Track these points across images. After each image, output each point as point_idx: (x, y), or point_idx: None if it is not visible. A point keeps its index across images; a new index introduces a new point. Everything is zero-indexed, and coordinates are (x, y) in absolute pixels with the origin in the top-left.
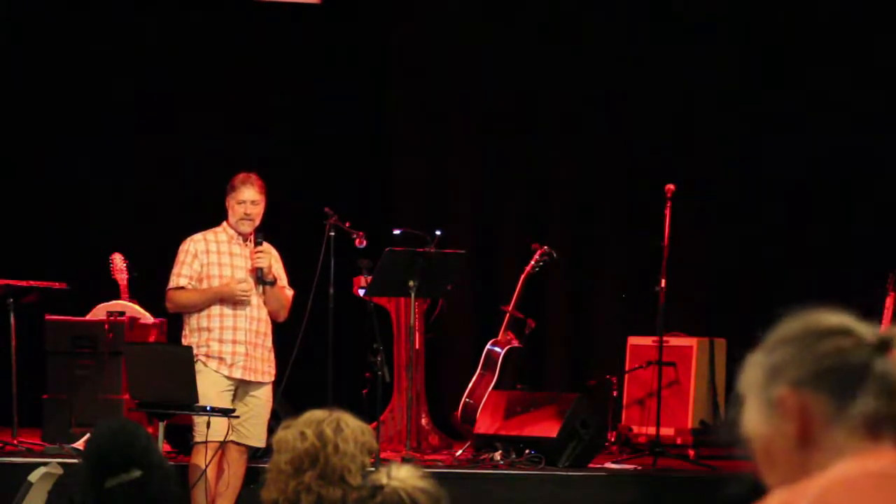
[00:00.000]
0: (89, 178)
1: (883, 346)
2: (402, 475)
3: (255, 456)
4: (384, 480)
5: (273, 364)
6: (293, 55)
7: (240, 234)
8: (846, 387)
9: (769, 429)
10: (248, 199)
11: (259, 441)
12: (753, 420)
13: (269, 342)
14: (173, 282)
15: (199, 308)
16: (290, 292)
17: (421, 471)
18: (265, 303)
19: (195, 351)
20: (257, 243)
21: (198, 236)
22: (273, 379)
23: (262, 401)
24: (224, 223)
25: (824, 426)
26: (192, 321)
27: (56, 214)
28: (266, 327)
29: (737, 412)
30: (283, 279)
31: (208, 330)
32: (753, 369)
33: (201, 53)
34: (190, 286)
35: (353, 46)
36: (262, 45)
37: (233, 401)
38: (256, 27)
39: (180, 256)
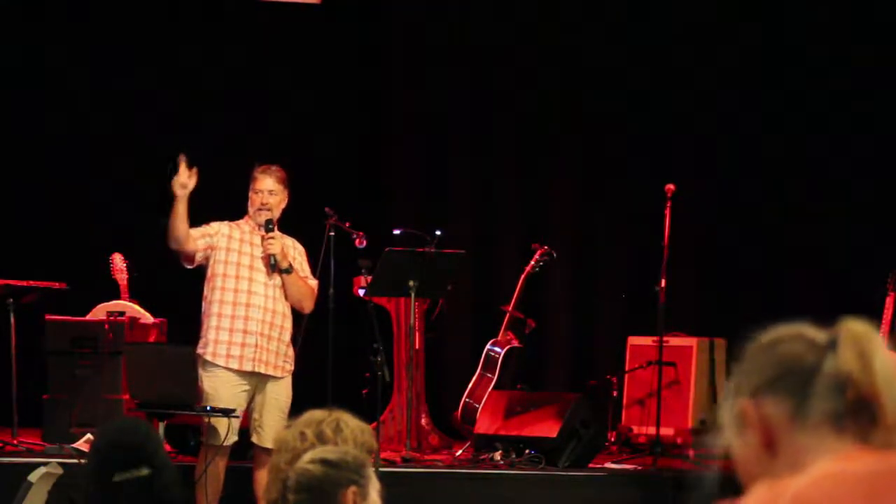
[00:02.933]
0: (89, 178)
1: (833, 345)
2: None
3: (247, 456)
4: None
5: (290, 358)
6: (293, 55)
7: (258, 224)
8: (800, 388)
9: (739, 442)
10: (265, 188)
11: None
12: (728, 437)
13: (285, 336)
14: None
15: (176, 228)
16: (313, 282)
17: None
18: (286, 294)
19: (206, 346)
20: (268, 230)
21: (224, 223)
22: (289, 373)
23: (279, 400)
24: (246, 216)
25: (786, 430)
26: (207, 309)
27: (56, 214)
28: (283, 320)
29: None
30: (305, 270)
31: (219, 316)
32: (725, 391)
33: (201, 53)
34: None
35: (353, 46)
36: (262, 44)
37: (251, 400)
38: (257, 27)
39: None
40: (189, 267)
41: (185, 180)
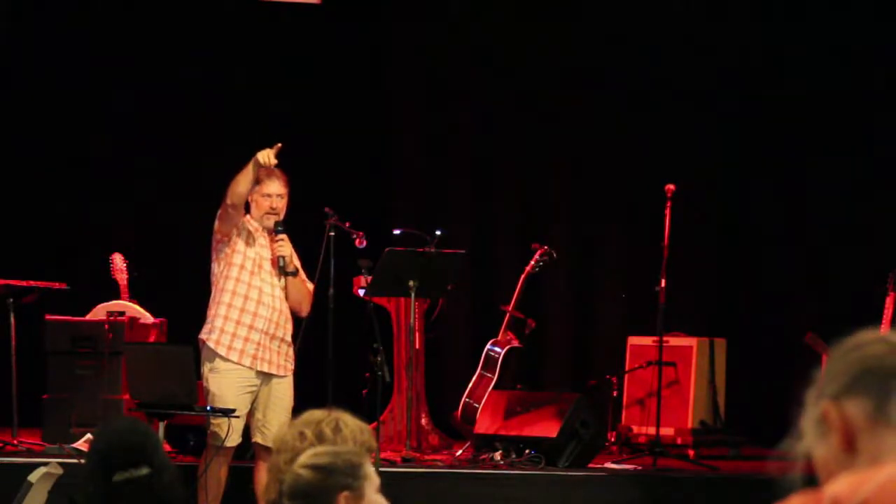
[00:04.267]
0: (89, 178)
1: None
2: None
3: (246, 456)
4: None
5: (291, 358)
6: (293, 55)
7: (264, 227)
8: (881, 388)
9: (821, 445)
10: (273, 192)
11: None
12: (809, 442)
13: (288, 336)
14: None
15: (242, 187)
16: (310, 286)
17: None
18: (287, 296)
19: (212, 333)
20: (276, 232)
21: None
22: (291, 373)
23: (283, 399)
24: (247, 216)
25: (866, 430)
26: (218, 296)
27: (56, 214)
28: (286, 321)
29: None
30: (301, 273)
31: (229, 306)
32: (808, 397)
33: (201, 53)
34: None
35: (353, 46)
36: (262, 45)
37: (255, 399)
38: (256, 27)
39: None
40: (223, 238)
41: (268, 158)
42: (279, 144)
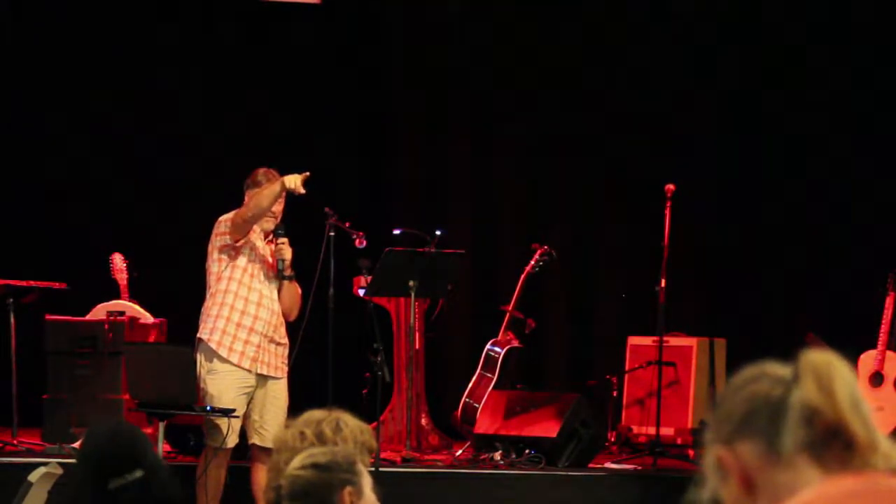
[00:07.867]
0: (89, 178)
1: (796, 378)
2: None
3: (247, 456)
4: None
5: (286, 359)
6: (293, 55)
7: (262, 230)
8: (770, 425)
9: (723, 488)
10: None
11: None
12: (712, 485)
13: (283, 338)
14: (229, 215)
15: (266, 204)
16: (298, 290)
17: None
18: (280, 298)
19: (213, 333)
20: (277, 234)
21: None
22: (286, 374)
23: (279, 399)
24: None
25: (762, 470)
26: (221, 297)
27: (56, 214)
28: (281, 323)
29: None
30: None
31: (231, 307)
32: (705, 441)
33: (201, 53)
34: None
35: (353, 46)
36: (262, 45)
37: (250, 401)
38: (256, 27)
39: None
40: (234, 241)
41: (297, 184)
42: (307, 173)
